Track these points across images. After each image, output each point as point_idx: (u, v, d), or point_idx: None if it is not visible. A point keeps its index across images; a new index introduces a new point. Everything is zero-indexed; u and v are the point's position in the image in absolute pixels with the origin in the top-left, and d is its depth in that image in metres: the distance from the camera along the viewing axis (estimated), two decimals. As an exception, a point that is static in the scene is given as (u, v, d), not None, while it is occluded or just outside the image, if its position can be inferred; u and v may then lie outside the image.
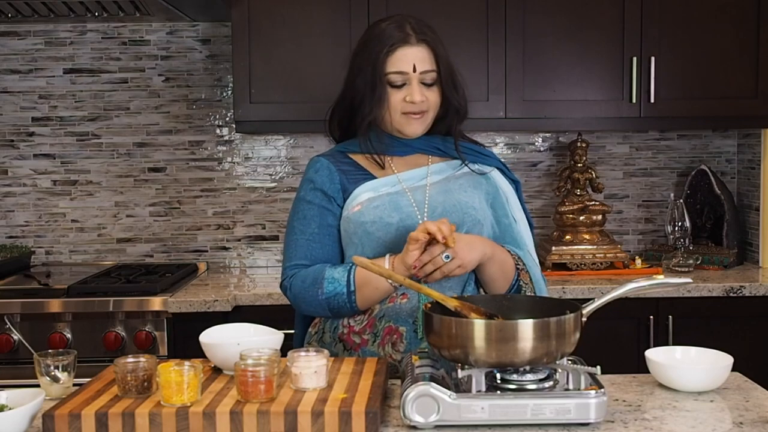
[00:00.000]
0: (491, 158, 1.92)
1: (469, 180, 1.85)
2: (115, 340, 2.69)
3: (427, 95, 1.78)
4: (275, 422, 1.31)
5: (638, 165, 3.47)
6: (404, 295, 1.74)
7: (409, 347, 1.72)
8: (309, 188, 1.83)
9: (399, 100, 1.78)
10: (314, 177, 1.83)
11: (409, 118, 1.79)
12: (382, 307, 1.75)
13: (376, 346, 1.74)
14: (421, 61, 1.77)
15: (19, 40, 3.36)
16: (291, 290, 1.79)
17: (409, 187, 1.81)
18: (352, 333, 1.77)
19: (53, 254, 3.42)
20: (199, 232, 3.42)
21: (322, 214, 1.81)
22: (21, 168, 3.40)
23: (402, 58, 1.76)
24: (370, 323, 1.75)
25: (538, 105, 3.05)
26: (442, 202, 1.79)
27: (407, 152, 1.86)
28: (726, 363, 1.57)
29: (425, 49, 1.78)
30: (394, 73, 1.76)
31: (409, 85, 1.77)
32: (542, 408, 1.34)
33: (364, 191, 1.79)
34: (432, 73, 1.78)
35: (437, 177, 1.84)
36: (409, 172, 1.83)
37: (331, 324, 1.81)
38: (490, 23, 3.01)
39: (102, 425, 1.32)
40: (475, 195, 1.83)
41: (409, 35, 1.78)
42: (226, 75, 3.37)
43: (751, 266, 3.23)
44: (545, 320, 1.37)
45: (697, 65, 3.05)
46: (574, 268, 3.08)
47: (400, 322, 1.73)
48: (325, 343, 1.80)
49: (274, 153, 3.41)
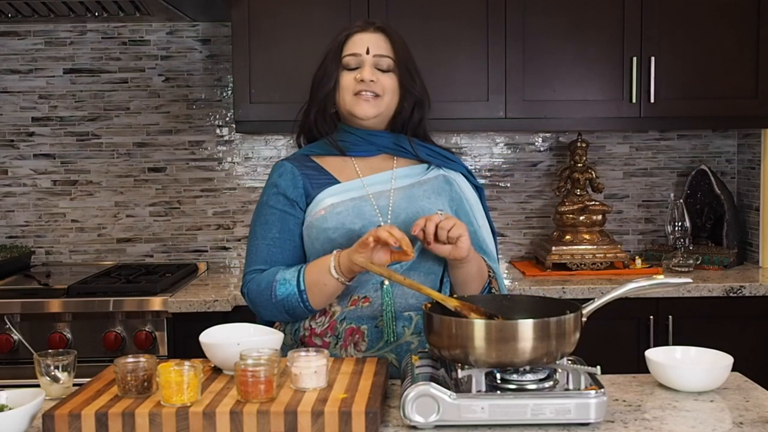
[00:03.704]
0: (457, 163, 1.91)
1: (434, 186, 1.84)
2: (115, 340, 2.69)
3: (381, 79, 1.79)
4: (275, 422, 1.31)
5: (638, 165, 3.47)
6: (366, 298, 1.74)
7: (371, 345, 1.72)
8: (272, 193, 1.82)
9: (350, 79, 1.79)
10: (277, 181, 1.82)
11: (359, 98, 1.79)
12: (344, 310, 1.74)
13: (339, 348, 1.74)
14: (375, 46, 1.80)
15: (19, 40, 3.36)
16: (248, 296, 1.78)
17: (372, 193, 1.79)
18: (314, 335, 1.76)
19: (53, 254, 3.42)
20: (199, 232, 3.43)
21: (284, 219, 1.79)
22: (21, 168, 3.40)
23: (357, 41, 1.80)
24: (332, 326, 1.75)
25: (538, 105, 3.05)
26: (405, 208, 1.78)
27: (371, 152, 1.85)
28: (726, 363, 1.57)
29: (381, 36, 1.82)
30: (349, 56, 1.80)
31: (362, 68, 1.79)
32: (542, 408, 1.34)
33: (327, 196, 1.78)
34: (386, 59, 1.80)
35: (402, 182, 1.82)
36: (374, 177, 1.82)
37: (291, 327, 1.80)
38: (490, 23, 3.01)
39: (102, 425, 1.32)
40: (439, 201, 1.81)
41: (368, 24, 1.83)
42: (226, 75, 3.37)
43: (751, 266, 3.23)
44: (545, 320, 1.37)
45: (697, 65, 3.05)
46: (574, 268, 3.08)
47: (362, 321, 1.73)
48: (285, 346, 1.78)
49: (274, 153, 3.41)
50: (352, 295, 1.74)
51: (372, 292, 1.74)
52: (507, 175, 3.45)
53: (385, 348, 1.72)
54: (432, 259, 1.76)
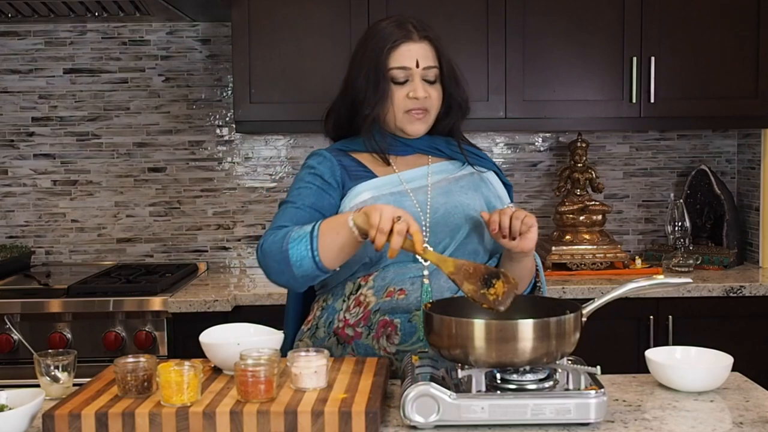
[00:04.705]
0: (488, 161, 1.93)
1: (470, 181, 1.85)
2: (115, 340, 2.69)
3: (430, 92, 1.78)
4: (275, 422, 1.31)
5: (638, 165, 3.47)
6: (402, 291, 1.72)
7: (405, 339, 1.71)
8: (308, 173, 1.80)
9: (402, 96, 1.76)
10: (315, 165, 1.81)
11: (411, 116, 1.78)
12: (378, 301, 1.73)
13: (371, 339, 1.72)
14: (423, 57, 1.76)
15: (19, 40, 3.36)
16: (262, 247, 1.68)
17: (411, 188, 1.80)
18: (347, 326, 1.75)
19: (53, 254, 3.42)
20: (199, 232, 3.43)
21: (319, 194, 1.77)
22: (21, 168, 3.40)
23: (405, 53, 1.76)
24: (365, 316, 1.73)
25: (538, 105, 3.05)
26: (444, 203, 1.78)
27: (408, 152, 1.85)
28: (726, 363, 1.57)
29: (427, 45, 1.78)
30: (397, 69, 1.75)
31: (412, 81, 1.76)
32: (542, 408, 1.34)
33: (365, 190, 1.78)
34: (434, 69, 1.78)
35: (438, 177, 1.84)
36: (411, 172, 1.83)
37: (326, 319, 1.79)
38: (490, 23, 3.01)
39: (102, 425, 1.32)
40: (476, 197, 1.82)
41: (411, 32, 1.77)
42: (226, 75, 3.37)
43: (751, 266, 3.23)
44: (545, 320, 1.37)
45: (697, 65, 3.05)
46: (574, 268, 3.08)
47: (395, 315, 1.72)
48: (318, 339, 1.78)
49: (274, 153, 3.41)
50: (388, 286, 1.73)
51: (408, 284, 1.72)
52: (507, 175, 3.41)
53: (418, 344, 1.70)
54: (473, 258, 1.76)
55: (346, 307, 1.76)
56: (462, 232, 1.76)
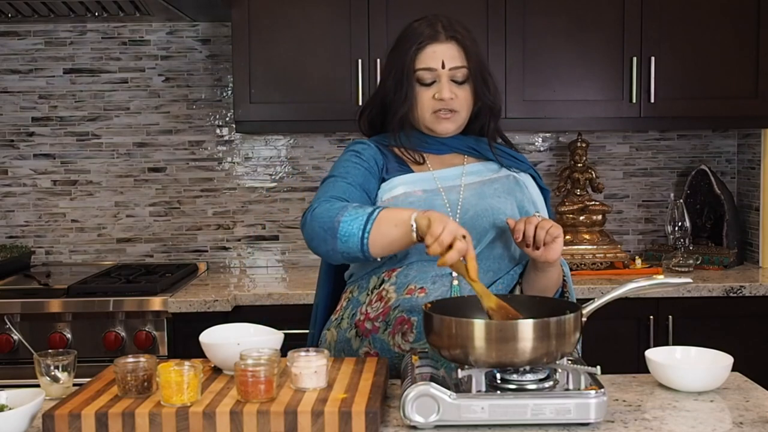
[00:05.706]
0: (525, 164, 1.90)
1: (504, 185, 1.83)
2: (115, 340, 2.69)
3: (457, 93, 1.76)
4: (275, 422, 1.31)
5: (638, 165, 3.47)
6: (422, 289, 1.72)
7: (419, 338, 1.70)
8: (353, 155, 1.79)
9: (428, 97, 1.76)
10: (360, 150, 1.81)
11: (438, 117, 1.77)
12: (399, 297, 1.73)
13: (387, 334, 1.73)
14: (450, 58, 1.75)
15: (19, 40, 3.36)
16: (313, 212, 1.63)
17: (444, 187, 1.79)
18: (367, 320, 1.75)
19: (53, 254, 3.42)
20: (199, 232, 3.43)
21: (366, 177, 1.76)
22: (21, 168, 3.40)
23: (431, 54, 1.75)
24: (385, 311, 1.73)
25: (538, 105, 3.05)
26: (474, 204, 1.77)
27: (443, 151, 1.85)
28: (726, 363, 1.57)
29: (454, 45, 1.77)
30: (423, 70, 1.75)
31: (439, 83, 1.76)
32: (542, 408, 1.34)
33: (400, 184, 1.77)
34: (462, 69, 1.76)
35: (472, 178, 1.82)
36: (444, 171, 1.82)
37: (350, 311, 1.80)
38: (490, 23, 3.01)
39: (102, 425, 1.32)
40: (508, 202, 1.80)
41: (438, 32, 1.76)
42: (226, 75, 3.37)
43: (751, 266, 3.23)
44: (545, 320, 1.37)
45: (697, 65, 3.05)
46: (574, 268, 3.08)
47: (413, 313, 1.72)
48: (342, 329, 1.79)
49: (274, 153, 3.41)
50: (410, 284, 1.73)
51: (429, 283, 1.72)
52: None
53: None
54: (497, 263, 1.76)
55: (368, 300, 1.77)
56: (488, 236, 1.74)
